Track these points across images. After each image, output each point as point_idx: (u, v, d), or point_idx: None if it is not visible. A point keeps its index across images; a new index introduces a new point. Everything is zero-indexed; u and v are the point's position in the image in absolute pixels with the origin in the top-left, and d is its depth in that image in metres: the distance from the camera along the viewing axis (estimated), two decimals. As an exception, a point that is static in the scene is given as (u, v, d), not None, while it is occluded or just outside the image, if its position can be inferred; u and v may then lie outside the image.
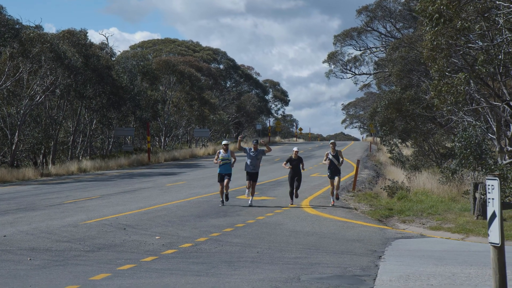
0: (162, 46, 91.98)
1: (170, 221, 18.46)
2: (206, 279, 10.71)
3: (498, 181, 8.15)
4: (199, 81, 73.31)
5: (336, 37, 72.24)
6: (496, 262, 8.02)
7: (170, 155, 57.21)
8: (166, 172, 41.11)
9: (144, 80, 64.18)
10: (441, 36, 21.35)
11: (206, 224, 17.96)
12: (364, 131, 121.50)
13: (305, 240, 15.59)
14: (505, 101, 26.68)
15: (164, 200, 24.28)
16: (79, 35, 51.28)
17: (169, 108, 69.16)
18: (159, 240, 15.08)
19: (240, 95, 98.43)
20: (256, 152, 23.19)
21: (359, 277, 11.02)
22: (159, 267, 11.84)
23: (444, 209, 21.29)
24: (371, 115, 56.92)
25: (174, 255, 13.21)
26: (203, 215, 20.07)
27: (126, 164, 49.07)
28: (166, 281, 10.58)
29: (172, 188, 29.72)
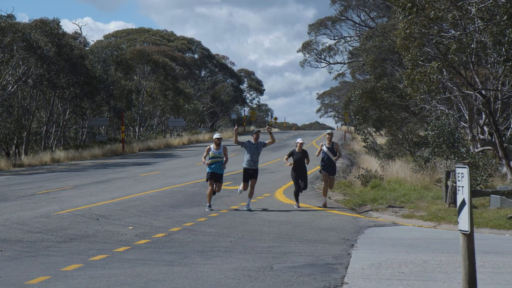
0: (136, 36, 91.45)
1: (144, 211, 18.39)
2: (179, 269, 10.68)
3: (467, 169, 8.20)
4: (173, 70, 73.02)
5: (311, 26, 72.22)
6: (465, 249, 8.07)
7: (145, 145, 56.98)
8: (140, 162, 40.95)
9: (118, 70, 63.81)
10: (414, 25, 21.41)
11: (179, 214, 17.93)
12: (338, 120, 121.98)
13: (279, 229, 15.61)
14: (477, 89, 26.85)
15: (138, 190, 24.18)
16: (52, 25, 50.82)
17: (143, 98, 68.84)
18: (132, 230, 15.03)
19: (215, 85, 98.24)
20: (257, 145, 19.80)
21: (331, 266, 11.05)
22: (132, 257, 11.79)
23: (417, 197, 21.43)
24: (346, 104, 57.05)
25: (147, 245, 13.16)
26: (177, 205, 20.02)
27: (100, 154, 48.81)
28: (139, 271, 10.53)
29: (146, 178, 29.61)
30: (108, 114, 61.33)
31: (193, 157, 45.01)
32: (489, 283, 9.40)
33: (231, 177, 29.35)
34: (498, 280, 9.69)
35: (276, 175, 30.76)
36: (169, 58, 73.71)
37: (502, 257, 11.77)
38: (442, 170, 23.17)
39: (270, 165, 36.71)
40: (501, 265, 11.00)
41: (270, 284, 9.62)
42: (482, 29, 22.56)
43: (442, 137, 26.21)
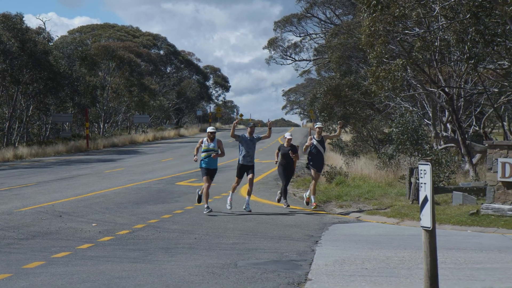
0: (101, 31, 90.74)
1: (108, 208, 18.27)
2: (143, 266, 10.63)
3: (430, 166, 8.25)
4: (139, 66, 72.62)
5: (277, 23, 72.30)
6: (427, 245, 8.13)
7: (109, 142, 56.62)
8: (105, 159, 40.67)
9: (82, 65, 63.23)
10: (379, 22, 21.54)
11: (144, 211, 17.83)
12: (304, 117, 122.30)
13: (243, 225, 15.61)
14: (441, 87, 27.11)
15: (102, 187, 24.01)
16: (14, 19, 50.17)
17: (108, 94, 68.37)
18: (96, 227, 14.92)
19: (180, 81, 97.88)
20: (252, 139, 18.89)
21: (295, 262, 11.08)
22: (95, 255, 11.70)
23: (381, 194, 21.56)
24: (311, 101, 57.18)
25: (111, 242, 13.08)
26: (142, 201, 19.92)
27: (64, 150, 48.38)
28: (102, 268, 10.46)
29: (110, 174, 29.41)
30: (72, 110, 60.79)
31: (158, 154, 44.83)
32: (450, 279, 9.49)
33: (196, 174, 29.28)
34: (459, 276, 9.79)
35: (241, 171, 30.72)
36: (135, 54, 73.25)
37: (464, 253, 11.89)
38: (406, 167, 23.34)
39: (235, 162, 36.58)
40: (462, 261, 11.12)
41: (234, 280, 9.62)
42: (445, 27, 22.77)
43: (406, 134, 26.40)
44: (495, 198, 17.17)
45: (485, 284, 9.01)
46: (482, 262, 11.07)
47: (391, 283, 9.29)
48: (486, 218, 16.26)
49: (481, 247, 12.68)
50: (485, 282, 9.29)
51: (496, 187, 17.18)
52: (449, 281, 9.26)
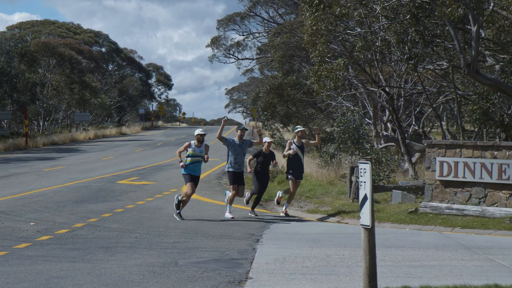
0: (41, 28, 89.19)
1: (47, 207, 17.98)
2: (82, 265, 10.48)
3: (369, 164, 8.33)
4: (80, 64, 71.68)
5: (220, 21, 72.15)
6: (366, 243, 8.21)
7: (49, 140, 55.70)
8: (44, 157, 40.02)
9: (22, 62, 62.02)
10: (321, 22, 21.68)
11: (84, 210, 17.60)
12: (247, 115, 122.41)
13: (185, 224, 15.54)
14: (381, 87, 27.44)
15: (41, 185, 23.63)
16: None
17: (48, 92, 67.27)
18: (34, 226, 14.67)
19: (122, 79, 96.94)
20: (242, 144, 17.25)
21: (236, 261, 11.07)
22: (33, 254, 11.50)
23: (322, 193, 21.72)
24: (254, 100, 57.33)
25: (49, 242, 12.87)
26: (81, 200, 19.65)
27: (2, 148, 47.40)
28: (40, 268, 10.28)
29: (50, 173, 28.96)
30: (11, 107, 59.62)
31: (99, 152, 44.34)
32: (389, 276, 9.60)
33: (137, 173, 29.07)
34: (397, 273, 9.92)
35: (183, 170, 30.59)
36: (76, 51, 72.23)
37: (402, 251, 12.05)
38: (347, 166, 23.56)
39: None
40: (400, 258, 11.27)
41: (175, 279, 9.56)
42: (386, 28, 23.03)
43: (347, 133, 26.66)
44: (433, 197, 17.45)
45: (422, 281, 9.14)
46: (420, 259, 11.24)
47: (331, 281, 9.35)
48: (424, 216, 16.53)
49: (419, 245, 12.86)
50: (422, 279, 9.43)
51: (434, 185, 17.46)
52: (387, 279, 9.37)
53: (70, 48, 70.50)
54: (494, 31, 21.34)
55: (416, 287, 8.70)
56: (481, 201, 16.83)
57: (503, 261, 11.05)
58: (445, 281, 9.15)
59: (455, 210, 16.55)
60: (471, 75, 19.61)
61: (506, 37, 20.66)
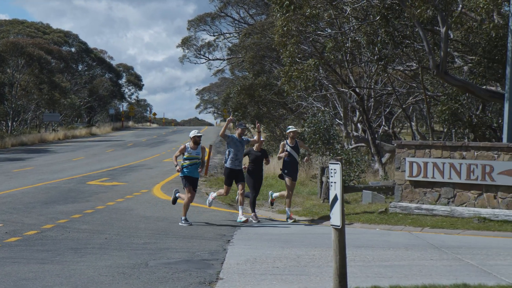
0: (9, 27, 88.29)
1: (15, 208, 17.81)
2: (51, 267, 10.40)
3: (340, 165, 8.36)
4: (49, 64, 71.04)
5: (190, 22, 72.03)
6: (337, 243, 8.23)
7: (18, 140, 55.17)
8: (13, 158, 39.64)
9: (-10, 62, 61.42)
10: (291, 22, 21.73)
11: (53, 211, 17.46)
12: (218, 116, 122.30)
13: (155, 225, 15.48)
14: (352, 87, 27.58)
15: (10, 186, 23.39)
16: None
17: (17, 92, 66.62)
18: (2, 228, 14.51)
19: (92, 79, 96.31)
20: (242, 141, 16.91)
21: (207, 261, 11.05)
22: (1, 256, 11.37)
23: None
24: (225, 100, 57.28)
25: (18, 243, 12.74)
26: (51, 201, 19.49)
27: (-30, 149, 46.94)
28: (8, 269, 10.18)
29: (19, 174, 28.69)
30: (-21, 108, 58.99)
31: (69, 153, 44.01)
32: (359, 276, 9.65)
33: (108, 173, 28.92)
34: (367, 273, 9.96)
35: (154, 171, 30.52)
36: (45, 51, 71.59)
37: (372, 251, 12.11)
38: (317, 166, 23.63)
39: (148, 161, 36.39)
40: (371, 258, 11.33)
41: (145, 280, 9.52)
42: (356, 29, 23.16)
43: (318, 133, 26.73)
44: (403, 197, 17.57)
45: (392, 281, 9.19)
46: (390, 259, 11.30)
47: (301, 281, 9.37)
48: (394, 216, 16.63)
49: (389, 245, 12.94)
50: (392, 279, 9.48)
51: (404, 186, 17.58)
52: (357, 279, 9.41)
53: (39, 48, 69.86)
54: (462, 33, 21.55)
55: (386, 287, 8.75)
56: (450, 201, 16.98)
57: (471, 260, 11.16)
58: (415, 281, 9.21)
59: (424, 210, 16.68)
60: (440, 76, 19.79)
61: (474, 39, 20.87)
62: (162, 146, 51.05)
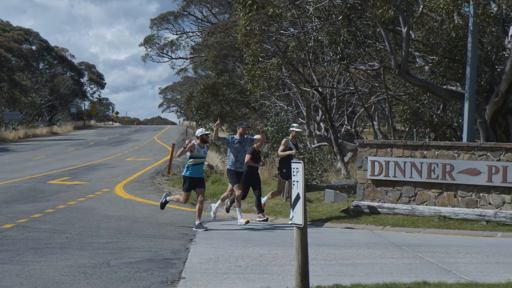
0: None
1: (-26, 208, 17.55)
2: (10, 267, 10.26)
3: (302, 164, 8.39)
4: (9, 62, 70.17)
5: (153, 20, 71.72)
6: (299, 242, 8.26)
7: (-23, 139, 54.47)
8: (-27, 157, 39.09)
9: None
10: (254, 22, 21.76)
11: (13, 210, 17.23)
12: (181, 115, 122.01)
13: (117, 224, 15.38)
14: (314, 87, 27.70)
15: (-31, 185, 23.06)
16: None
17: (-24, 90, 65.75)
18: (-39, 228, 14.30)
19: (54, 77, 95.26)
20: (243, 141, 16.16)
21: (169, 261, 11.01)
22: (-41, 256, 11.21)
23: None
24: (188, 99, 57.19)
25: (-23, 243, 12.56)
26: (11, 201, 19.23)
27: None
28: (-34, 270, 10.03)
29: (-22, 173, 28.27)
30: None
31: (29, 152, 43.52)
32: (321, 275, 9.69)
33: (69, 172, 28.65)
34: (329, 272, 10.01)
35: (116, 170, 30.31)
36: (4, 48, 70.71)
37: (334, 250, 12.18)
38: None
39: (110, 160, 36.13)
40: (332, 257, 11.39)
41: (106, 280, 9.45)
42: (319, 28, 23.25)
43: (281, 132, 26.81)
44: (364, 196, 17.69)
45: (354, 280, 9.24)
46: (352, 258, 11.38)
47: (263, 280, 9.38)
48: (356, 215, 16.73)
49: (350, 243, 13.03)
50: (354, 277, 9.54)
51: (366, 184, 17.71)
52: (319, 277, 9.45)
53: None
54: (423, 33, 21.76)
55: (347, 285, 8.79)
56: (411, 199, 17.14)
57: (431, 258, 11.28)
58: (376, 279, 9.28)
59: (386, 209, 16.81)
60: (402, 75, 19.96)
61: (435, 39, 21.09)
62: (124, 145, 50.73)
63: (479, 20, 17.59)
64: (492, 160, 16.09)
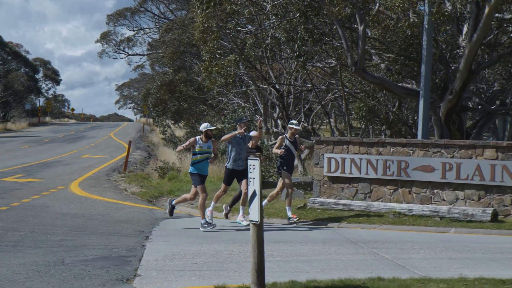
0: None
1: None
2: (-38, 266, 10.10)
3: (259, 161, 8.39)
4: (-38, 57, 69.10)
5: (109, 16, 71.11)
6: (255, 239, 8.26)
7: None
8: None
9: None
10: (212, 19, 21.72)
11: (-35, 208, 16.97)
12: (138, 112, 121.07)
13: (72, 222, 15.23)
14: (272, 84, 27.76)
15: None
16: None
17: None
18: None
19: (7, 74, 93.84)
20: (245, 138, 15.36)
21: (124, 258, 10.93)
22: None
23: (212, 189, 21.67)
24: (145, 96, 56.81)
25: None
26: (-37, 198, 18.94)
27: None
28: None
29: None
30: None
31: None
32: (277, 271, 9.71)
33: (23, 170, 28.30)
34: (285, 268, 10.04)
35: (71, 167, 30.01)
36: (-43, 43, 69.59)
37: (290, 246, 12.22)
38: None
39: (65, 157, 35.76)
40: (289, 253, 11.42)
41: (60, 278, 9.34)
42: (276, 25, 23.30)
43: (238, 129, 26.76)
44: (321, 192, 17.78)
45: (309, 276, 9.27)
46: (307, 254, 11.42)
47: (219, 277, 9.37)
48: (312, 211, 16.81)
49: (307, 240, 13.08)
50: (309, 273, 9.57)
51: (322, 181, 17.80)
52: (275, 274, 9.46)
53: (-50, 41, 67.84)
54: (380, 31, 21.93)
55: (303, 281, 8.82)
56: (366, 196, 17.28)
57: (386, 254, 11.38)
58: (331, 275, 9.33)
59: (342, 206, 16.91)
60: (358, 73, 20.10)
61: (391, 37, 21.27)
62: (80, 142, 50.23)
63: (434, 18, 17.79)
64: (446, 157, 16.29)
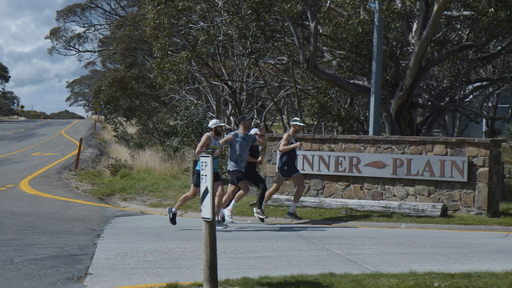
0: None
1: None
2: None
3: (211, 158, 8.38)
4: None
5: (59, 12, 70.11)
6: (207, 236, 8.24)
7: None
8: None
9: None
10: (163, 15, 21.59)
11: None
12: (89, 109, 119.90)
13: (22, 220, 15.02)
14: (224, 80, 27.74)
15: None
16: None
17: None
18: None
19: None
20: (246, 137, 14.65)
21: (76, 257, 10.83)
22: None
23: (165, 186, 21.65)
24: (96, 93, 56.32)
25: None
26: None
27: None
28: None
29: None
30: None
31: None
32: (229, 268, 9.71)
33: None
34: (238, 265, 10.05)
35: (21, 165, 29.57)
36: None
37: (243, 243, 12.24)
38: (190, 159, 23.62)
39: (14, 155, 35.21)
40: (241, 250, 11.43)
41: (10, 278, 9.20)
42: (228, 22, 23.28)
43: (191, 126, 26.72)
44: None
45: (262, 272, 9.29)
46: (260, 251, 11.45)
47: (172, 274, 9.33)
48: (265, 208, 16.79)
49: (259, 237, 13.11)
50: (262, 270, 9.59)
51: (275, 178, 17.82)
52: (228, 270, 9.46)
53: None
54: (331, 28, 22.07)
55: (255, 278, 8.83)
56: (319, 192, 17.38)
57: (338, 250, 11.46)
58: (284, 271, 9.36)
59: (294, 202, 16.95)
60: (310, 70, 20.20)
61: (342, 34, 21.41)
62: (30, 139, 49.50)
63: (384, 15, 17.95)
64: (396, 153, 16.47)
